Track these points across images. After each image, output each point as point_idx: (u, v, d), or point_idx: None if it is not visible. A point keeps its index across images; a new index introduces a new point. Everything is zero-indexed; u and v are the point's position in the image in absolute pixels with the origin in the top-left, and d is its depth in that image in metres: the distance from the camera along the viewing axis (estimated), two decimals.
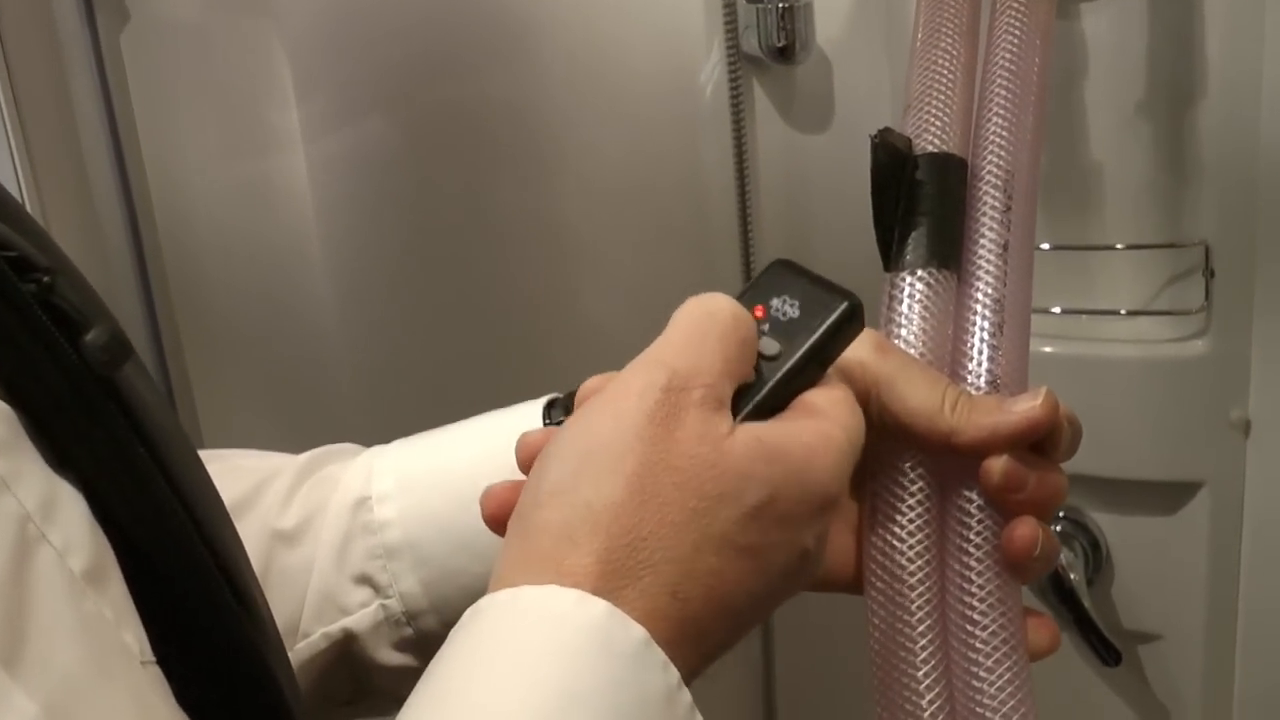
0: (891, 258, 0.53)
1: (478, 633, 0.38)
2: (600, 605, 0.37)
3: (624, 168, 0.97)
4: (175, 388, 0.95)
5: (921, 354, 0.51)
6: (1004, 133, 0.55)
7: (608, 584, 0.38)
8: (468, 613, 0.39)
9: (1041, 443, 0.49)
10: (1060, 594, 0.94)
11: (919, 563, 0.50)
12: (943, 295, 0.52)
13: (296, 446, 0.64)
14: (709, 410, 0.42)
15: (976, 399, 0.49)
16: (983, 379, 0.51)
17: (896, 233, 0.53)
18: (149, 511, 0.43)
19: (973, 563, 0.49)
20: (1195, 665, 0.98)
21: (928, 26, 0.59)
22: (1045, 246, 0.93)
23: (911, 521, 0.50)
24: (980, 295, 0.52)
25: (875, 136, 0.52)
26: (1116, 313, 0.93)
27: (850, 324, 0.45)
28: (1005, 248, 0.53)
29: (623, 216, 0.98)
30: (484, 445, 0.58)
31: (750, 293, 0.47)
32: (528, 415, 0.58)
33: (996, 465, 0.48)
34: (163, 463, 0.44)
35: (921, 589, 0.49)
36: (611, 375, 0.44)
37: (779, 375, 0.44)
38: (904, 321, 0.52)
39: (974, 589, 0.49)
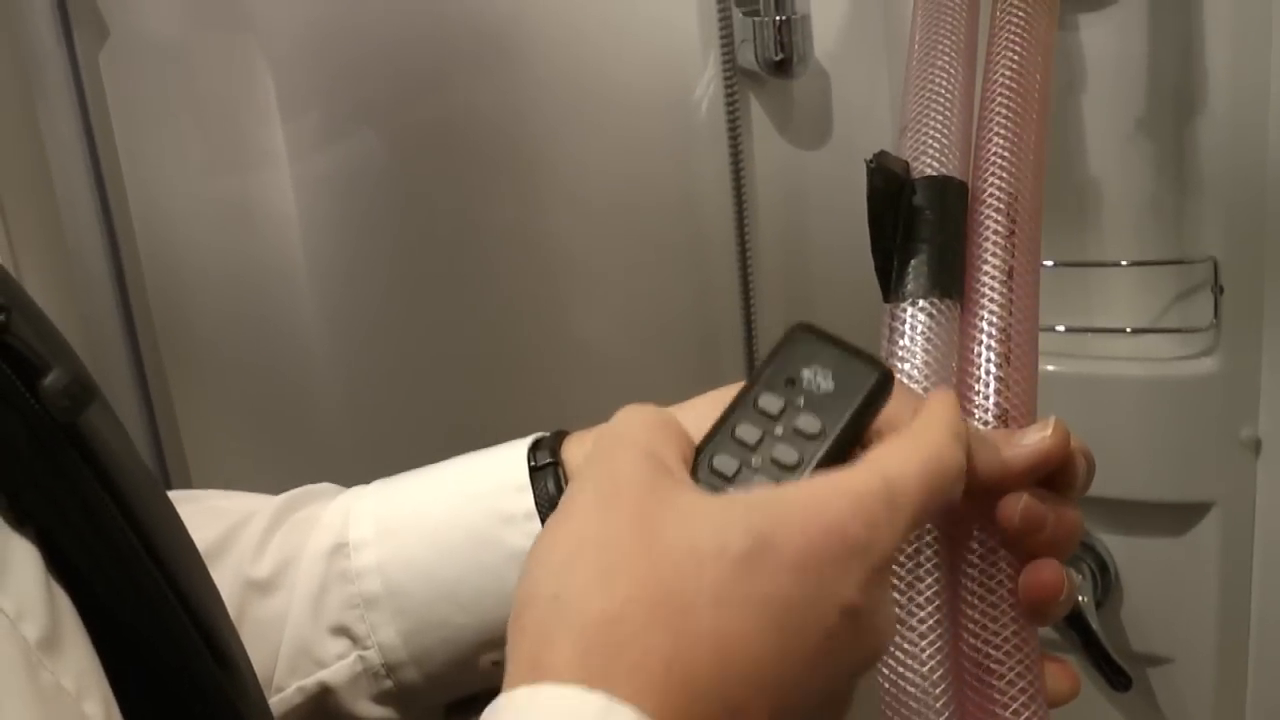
0: (891, 287, 0.51)
1: None
2: (626, 714, 0.34)
3: (618, 185, 0.95)
4: (158, 413, 0.93)
5: (925, 389, 0.49)
6: (1005, 153, 0.53)
7: (588, 668, 0.35)
8: (490, 711, 0.36)
9: (1056, 478, 0.47)
10: (1068, 617, 0.91)
11: (929, 609, 0.47)
12: (946, 326, 0.50)
13: (284, 471, 0.62)
14: (655, 471, 0.39)
15: (984, 434, 0.47)
16: (990, 412, 0.49)
17: (895, 261, 0.51)
18: (116, 568, 0.41)
19: (988, 608, 0.47)
20: (1206, 688, 0.97)
21: (924, 44, 0.57)
22: (1048, 264, 0.92)
23: (920, 566, 0.47)
24: (985, 324, 0.50)
25: (870, 161, 0.50)
26: (1122, 331, 0.92)
27: (883, 395, 0.43)
28: (1010, 274, 0.50)
29: (617, 235, 0.96)
30: (467, 489, 0.56)
31: (776, 363, 0.44)
32: (512, 455, 0.56)
33: (1015, 504, 0.46)
34: (131, 515, 0.41)
35: (933, 636, 0.47)
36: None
37: (820, 455, 0.41)
38: (906, 355, 0.49)
39: (990, 635, 0.47)
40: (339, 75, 0.91)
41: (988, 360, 0.49)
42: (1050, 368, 0.92)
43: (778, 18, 0.88)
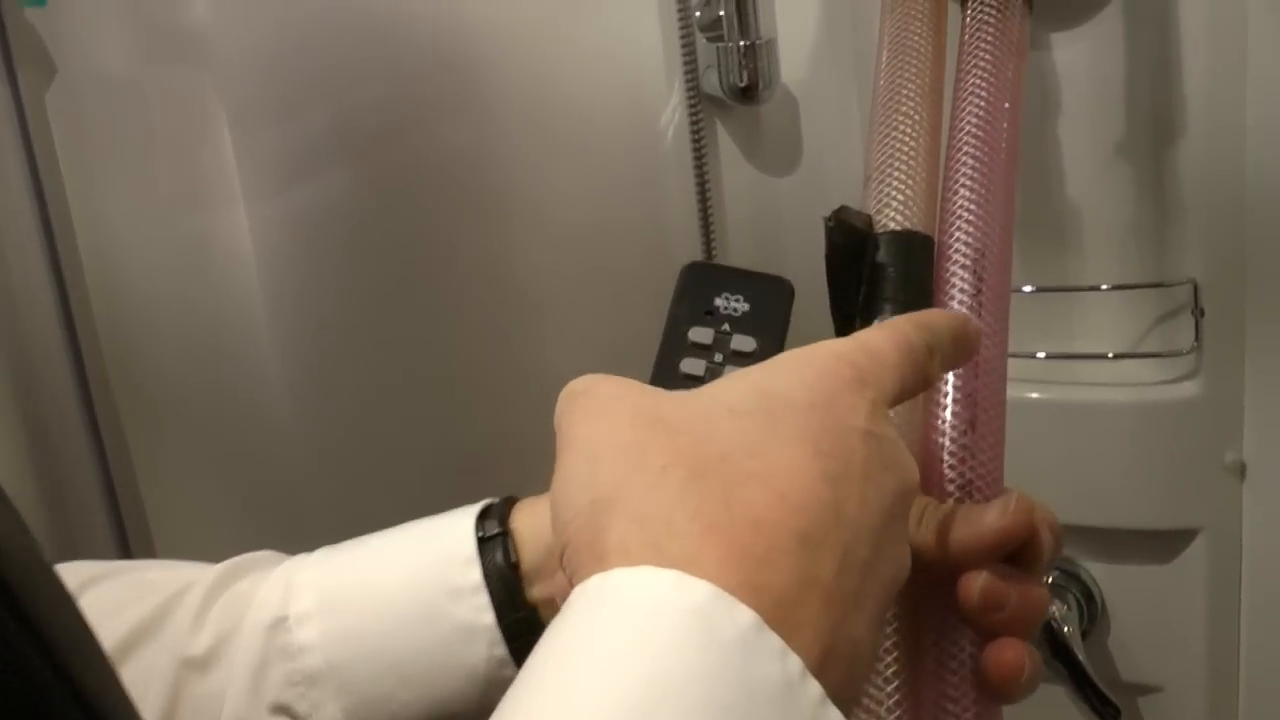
0: None
1: (567, 623, 0.34)
2: (702, 588, 0.33)
3: (585, 216, 0.93)
4: (113, 464, 0.91)
5: None
6: (973, 206, 0.50)
7: (648, 537, 0.34)
8: (564, 606, 0.35)
9: (1020, 554, 0.45)
10: (1054, 648, 0.91)
11: (889, 688, 0.45)
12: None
13: (249, 521, 0.60)
14: (635, 385, 0.41)
15: (944, 510, 0.45)
16: (954, 484, 0.47)
17: (858, 321, 0.49)
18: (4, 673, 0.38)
19: (949, 689, 0.45)
20: (1197, 717, 0.95)
21: (888, 88, 0.54)
22: (1027, 289, 0.91)
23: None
24: (949, 389, 0.47)
25: (829, 218, 0.48)
26: (1104, 356, 0.90)
27: (791, 301, 0.50)
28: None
29: (585, 267, 0.94)
30: (413, 560, 0.54)
31: (687, 300, 0.49)
32: (460, 525, 0.54)
33: (974, 583, 0.44)
34: (18, 608, 0.39)
35: (892, 718, 0.45)
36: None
37: None
38: None
39: (950, 716, 0.45)
40: (297, 110, 0.89)
41: (952, 428, 0.47)
42: (1032, 395, 0.90)
43: (742, 43, 0.85)
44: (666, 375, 0.47)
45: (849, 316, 0.48)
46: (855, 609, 0.35)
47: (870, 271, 0.49)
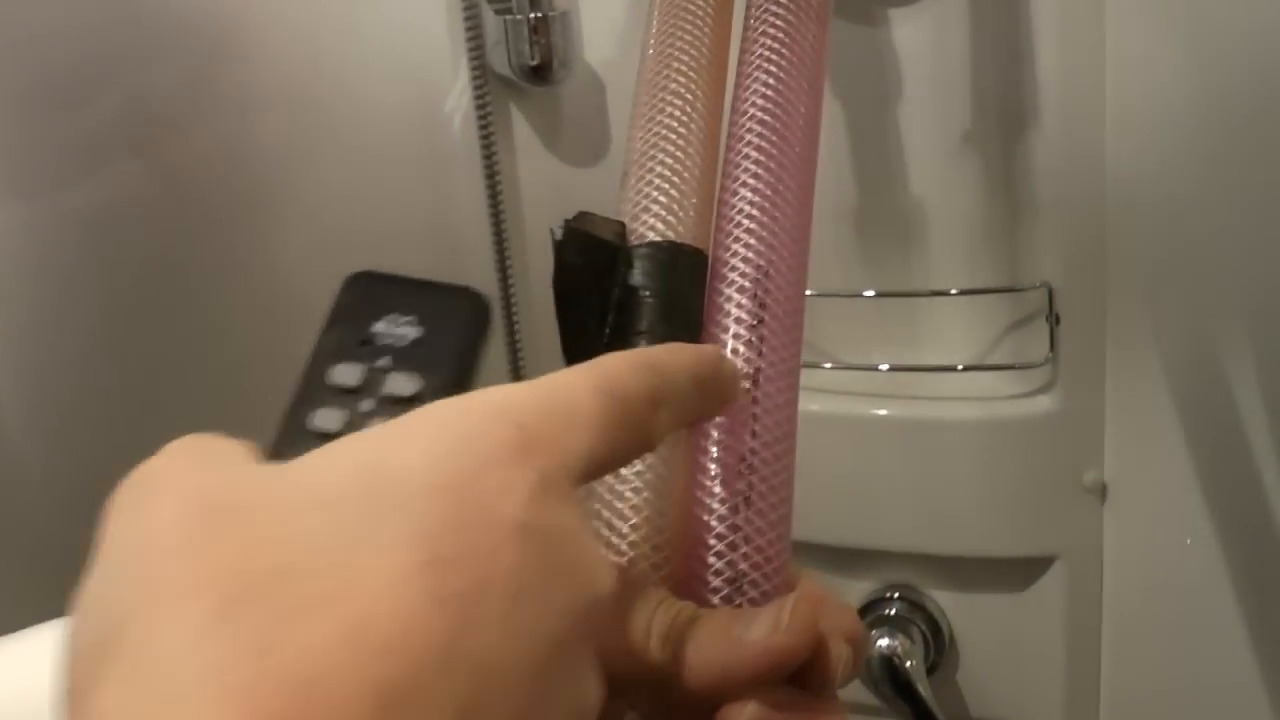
0: None
1: None
2: None
3: (363, 219, 0.82)
4: None
5: (633, 545, 0.35)
6: (756, 213, 0.39)
7: (148, 700, 0.23)
8: None
9: (804, 674, 0.34)
10: (896, 684, 0.85)
11: None
12: (666, 455, 0.36)
13: None
14: (207, 455, 0.30)
15: (700, 620, 0.33)
16: (720, 577, 0.35)
17: None
18: None
19: None
20: None
21: (656, 59, 0.44)
22: (869, 294, 0.85)
23: None
24: (717, 450, 0.37)
25: (558, 228, 0.36)
26: (952, 368, 0.85)
27: (485, 323, 0.38)
28: (755, 380, 0.37)
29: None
30: None
31: (340, 326, 0.38)
32: (32, 650, 0.42)
33: (739, 718, 0.33)
34: None
35: None
36: None
37: None
38: (610, 496, 0.36)
39: None
40: (24, 109, 0.76)
41: (720, 502, 0.36)
42: (874, 411, 0.85)
43: (532, 15, 0.76)
44: (295, 433, 0.35)
45: (588, 357, 0.37)
46: None
47: (621, 296, 0.37)
